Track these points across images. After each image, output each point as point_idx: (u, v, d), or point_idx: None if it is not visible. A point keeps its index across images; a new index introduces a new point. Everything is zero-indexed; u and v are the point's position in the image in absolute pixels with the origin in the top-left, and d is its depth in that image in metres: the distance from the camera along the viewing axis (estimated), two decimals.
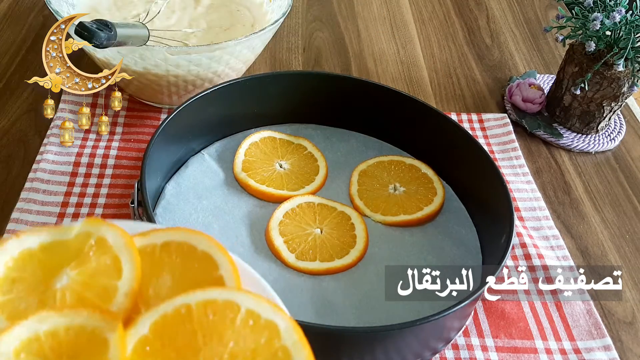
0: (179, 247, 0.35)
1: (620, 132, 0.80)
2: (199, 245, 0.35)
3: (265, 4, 0.79)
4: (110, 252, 0.33)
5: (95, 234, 0.34)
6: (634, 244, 0.67)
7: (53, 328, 0.30)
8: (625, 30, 0.70)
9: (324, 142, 0.69)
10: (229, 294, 0.32)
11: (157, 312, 0.31)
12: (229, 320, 0.31)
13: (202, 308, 0.31)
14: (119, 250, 0.33)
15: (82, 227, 0.34)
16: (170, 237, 0.36)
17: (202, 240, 0.35)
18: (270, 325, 0.31)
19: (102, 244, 0.33)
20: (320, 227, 0.60)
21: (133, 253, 0.33)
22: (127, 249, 0.33)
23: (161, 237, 0.36)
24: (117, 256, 0.33)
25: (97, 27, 0.56)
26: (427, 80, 0.86)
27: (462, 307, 0.47)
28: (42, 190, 0.62)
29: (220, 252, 0.35)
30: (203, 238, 0.35)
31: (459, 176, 0.65)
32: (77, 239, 0.34)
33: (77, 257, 0.33)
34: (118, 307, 0.31)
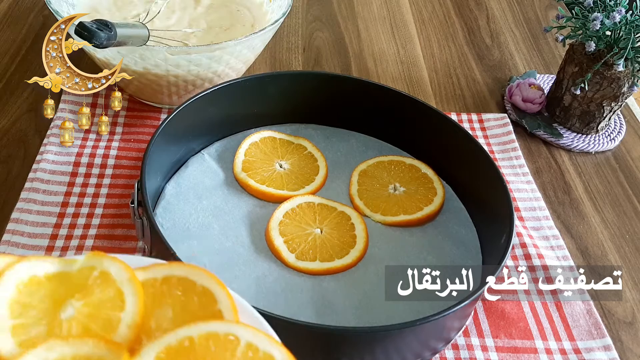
0: (180, 282, 0.37)
1: (620, 132, 0.80)
2: (199, 280, 0.37)
3: (265, 4, 0.79)
4: (113, 285, 0.35)
5: (99, 268, 0.35)
6: (634, 244, 0.67)
7: (61, 356, 0.31)
8: (625, 30, 0.70)
9: (324, 142, 0.69)
10: (230, 327, 0.34)
11: (161, 343, 0.32)
12: (229, 353, 0.32)
13: (204, 340, 0.33)
14: (122, 284, 0.35)
15: (86, 261, 0.36)
16: (171, 271, 0.37)
17: (202, 276, 0.37)
18: (268, 358, 0.33)
19: (106, 277, 0.35)
20: (320, 227, 0.60)
21: (136, 286, 0.35)
22: (130, 282, 0.35)
23: (162, 272, 0.37)
24: (120, 289, 0.35)
25: (97, 27, 0.56)
26: (427, 80, 0.86)
27: (462, 307, 0.47)
28: (42, 190, 0.62)
29: (219, 287, 0.37)
30: (203, 273, 0.37)
31: (459, 176, 0.65)
32: (81, 272, 0.35)
33: (81, 289, 0.34)
34: (121, 338, 0.33)
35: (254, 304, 0.47)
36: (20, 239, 0.58)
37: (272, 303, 0.53)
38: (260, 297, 0.53)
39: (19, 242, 0.57)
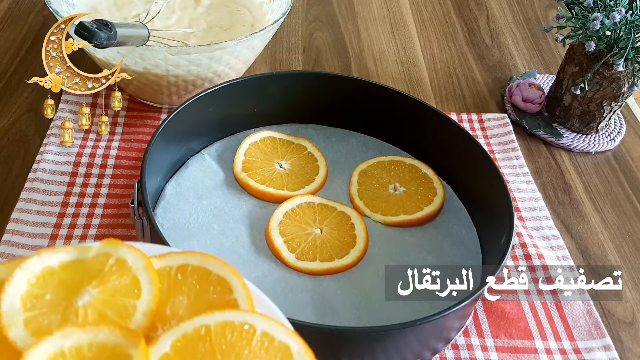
0: (195, 271, 0.37)
1: (620, 132, 0.80)
2: (214, 269, 0.37)
3: (265, 4, 0.79)
4: (129, 273, 0.35)
5: (115, 255, 0.35)
6: (634, 244, 0.67)
7: (77, 344, 0.31)
8: (625, 30, 0.70)
9: (324, 142, 0.69)
10: (246, 316, 0.34)
11: (177, 331, 0.32)
12: (245, 341, 0.33)
13: (221, 329, 0.33)
14: (138, 271, 0.35)
15: (101, 248, 0.36)
16: (187, 260, 0.37)
17: (217, 265, 0.37)
18: (283, 348, 0.33)
19: (122, 264, 0.35)
20: (320, 227, 0.60)
21: (152, 274, 0.35)
22: (146, 270, 0.35)
23: (177, 260, 0.37)
24: (137, 277, 0.35)
25: (97, 27, 0.56)
26: (427, 80, 0.86)
27: (462, 307, 0.47)
28: (42, 190, 0.62)
29: (235, 276, 0.37)
30: (218, 263, 0.37)
31: (459, 176, 0.65)
32: (96, 259, 0.35)
33: (97, 276, 0.34)
34: (136, 326, 0.33)
35: None
36: (20, 239, 0.58)
37: None
38: None
39: (19, 242, 0.57)
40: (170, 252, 0.38)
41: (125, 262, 0.35)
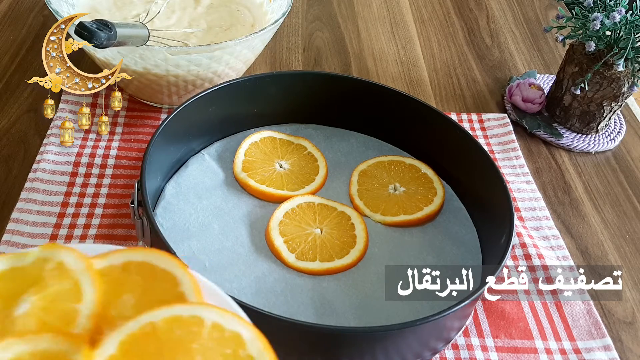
0: (139, 267, 0.36)
1: (620, 132, 0.80)
2: (159, 263, 0.36)
3: (265, 4, 0.79)
4: (69, 276, 0.34)
5: (54, 259, 0.34)
6: (634, 244, 0.67)
7: (18, 355, 0.30)
8: (625, 30, 0.70)
9: (324, 142, 0.69)
10: (193, 309, 0.33)
11: (123, 332, 0.31)
12: (194, 335, 0.32)
13: (168, 324, 0.32)
14: (78, 274, 0.34)
15: (39, 253, 0.34)
16: (130, 257, 0.36)
17: (161, 258, 0.36)
18: (235, 337, 0.32)
19: (62, 268, 0.34)
20: (320, 227, 0.60)
21: (92, 275, 0.34)
22: (86, 272, 0.34)
23: (120, 258, 0.36)
24: (77, 279, 0.33)
25: (97, 27, 0.56)
26: (427, 80, 0.86)
27: (462, 307, 0.47)
28: (42, 190, 0.62)
29: (180, 268, 0.36)
30: (162, 256, 0.36)
31: (459, 176, 0.65)
32: (35, 264, 0.34)
33: (36, 283, 0.33)
34: (81, 330, 0.32)
35: (254, 304, 0.48)
36: (20, 239, 0.58)
37: (272, 303, 0.53)
38: (260, 297, 0.54)
39: (19, 242, 0.57)
40: (111, 250, 0.37)
41: (64, 265, 0.34)
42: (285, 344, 0.49)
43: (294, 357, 0.49)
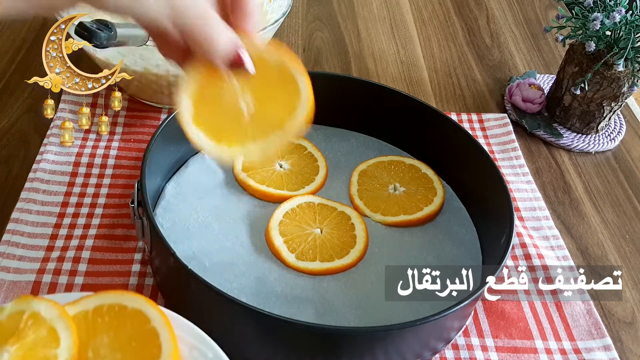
0: (110, 309, 0.38)
1: (620, 132, 0.80)
2: (129, 303, 0.39)
3: (265, 4, 0.79)
4: (45, 324, 0.36)
5: (28, 310, 0.36)
6: (634, 244, 0.67)
7: None
8: (625, 30, 0.70)
9: (324, 142, 0.69)
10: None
11: None
12: None
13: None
14: (53, 321, 0.36)
15: (13, 307, 0.37)
16: (101, 300, 0.39)
17: (131, 299, 0.39)
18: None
19: (37, 317, 0.36)
20: (320, 227, 0.60)
21: (67, 321, 0.36)
22: (61, 318, 0.36)
23: (92, 303, 0.39)
24: (53, 327, 0.36)
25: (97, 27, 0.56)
26: (427, 80, 0.86)
27: (462, 307, 0.47)
28: (42, 190, 0.62)
29: (150, 306, 0.39)
30: (131, 296, 0.39)
31: (459, 176, 0.65)
32: (11, 318, 0.36)
33: (13, 334, 0.35)
34: None
35: (254, 304, 0.48)
36: (20, 239, 0.58)
37: (272, 303, 0.53)
38: (260, 297, 0.54)
39: (19, 242, 0.57)
40: (83, 296, 0.39)
41: (39, 315, 0.36)
42: (285, 344, 0.49)
43: (293, 357, 0.49)
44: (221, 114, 0.43)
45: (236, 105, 0.42)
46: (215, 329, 0.51)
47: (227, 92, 0.42)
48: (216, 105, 0.43)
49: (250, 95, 0.41)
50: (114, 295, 0.39)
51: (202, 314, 0.50)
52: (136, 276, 0.56)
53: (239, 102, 0.42)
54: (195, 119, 0.42)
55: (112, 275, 0.56)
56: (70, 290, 0.54)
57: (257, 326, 0.48)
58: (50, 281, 0.54)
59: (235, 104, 0.42)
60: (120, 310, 0.38)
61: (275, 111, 0.42)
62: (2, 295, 0.53)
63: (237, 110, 0.42)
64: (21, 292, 0.53)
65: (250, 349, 0.50)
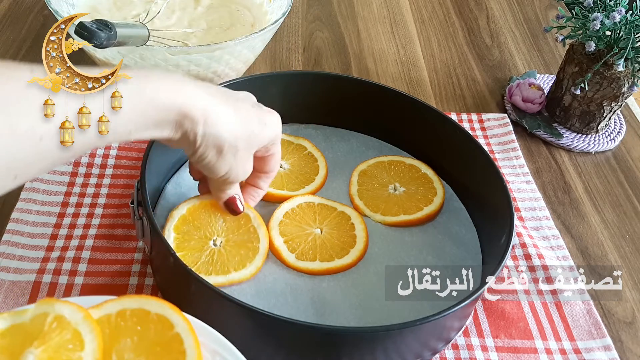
0: (134, 313, 0.38)
1: (620, 132, 0.80)
2: (152, 308, 0.39)
3: (265, 4, 0.79)
4: (69, 327, 0.36)
5: (52, 313, 0.36)
6: (634, 244, 0.67)
7: None
8: (625, 30, 0.70)
9: (324, 142, 0.69)
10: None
11: None
12: None
13: None
14: (78, 324, 0.36)
15: (37, 309, 0.37)
16: (124, 305, 0.39)
17: (155, 304, 0.39)
18: None
19: (61, 320, 0.36)
20: (320, 227, 0.60)
21: (92, 324, 0.36)
22: (86, 321, 0.36)
23: (115, 307, 0.39)
24: (77, 329, 0.36)
25: (97, 27, 0.56)
26: (427, 80, 0.86)
27: (462, 307, 0.47)
28: (42, 190, 0.62)
29: (174, 312, 0.39)
30: (155, 302, 0.39)
31: (459, 176, 0.65)
32: (35, 320, 0.36)
33: (38, 337, 0.35)
34: None
35: (254, 304, 0.48)
36: (20, 239, 0.58)
37: (272, 303, 0.53)
38: (260, 297, 0.53)
39: (19, 242, 0.57)
40: (106, 300, 0.39)
41: (63, 318, 0.36)
42: (285, 344, 0.49)
43: (294, 357, 0.49)
44: (193, 237, 0.54)
45: (205, 241, 0.54)
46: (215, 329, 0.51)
47: (206, 226, 0.55)
48: (195, 227, 0.55)
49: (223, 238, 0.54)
50: (138, 300, 0.39)
51: (202, 314, 0.50)
52: (136, 276, 0.56)
53: (210, 240, 0.55)
54: (177, 225, 0.55)
55: (112, 275, 0.56)
56: (70, 290, 0.54)
57: (257, 326, 0.48)
58: (50, 281, 0.54)
59: (206, 240, 0.55)
60: (144, 315, 0.38)
61: None
62: (2, 295, 0.53)
63: (203, 244, 0.54)
64: (21, 292, 0.53)
65: (250, 349, 0.50)
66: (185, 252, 0.54)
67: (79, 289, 0.54)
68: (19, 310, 0.37)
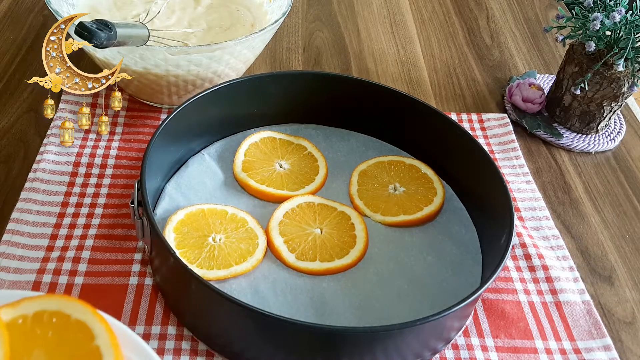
0: (52, 317, 0.34)
1: (620, 132, 0.80)
2: (73, 313, 0.34)
3: (265, 4, 0.79)
4: None
5: None
6: (634, 244, 0.67)
7: None
8: (625, 30, 0.70)
9: (324, 142, 0.69)
10: None
11: None
12: None
13: None
14: None
15: None
16: (43, 306, 0.34)
17: (77, 308, 0.34)
18: None
19: None
20: (320, 227, 0.60)
21: (0, 329, 0.32)
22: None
23: (33, 307, 0.34)
24: None
25: (97, 27, 0.56)
26: (427, 80, 0.86)
27: (462, 307, 0.47)
28: (42, 190, 0.62)
29: (97, 319, 0.34)
30: (78, 304, 0.34)
31: (459, 176, 0.65)
32: None
33: None
34: None
35: (254, 304, 0.48)
36: (20, 239, 0.58)
37: (272, 303, 0.53)
38: (260, 297, 0.54)
39: (19, 242, 0.57)
40: (24, 298, 0.34)
41: None
42: (285, 344, 0.49)
43: (294, 357, 0.49)
44: (193, 236, 0.56)
45: (205, 238, 0.55)
46: (215, 329, 0.51)
47: (205, 227, 0.56)
48: (194, 228, 0.56)
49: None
50: (58, 301, 0.34)
51: (202, 314, 0.50)
52: (136, 276, 0.56)
53: (208, 239, 0.56)
54: (176, 227, 0.55)
55: (112, 275, 0.56)
56: (71, 290, 0.54)
57: (257, 326, 0.48)
58: (50, 281, 0.54)
59: (205, 237, 0.56)
60: (64, 319, 0.34)
61: None
62: None
63: (203, 240, 0.55)
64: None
65: (250, 349, 0.50)
66: (186, 249, 0.54)
67: (79, 289, 0.54)
68: None
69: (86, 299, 0.53)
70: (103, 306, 0.53)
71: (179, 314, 0.53)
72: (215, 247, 0.55)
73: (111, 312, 0.52)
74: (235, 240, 0.56)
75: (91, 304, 0.53)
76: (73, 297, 0.35)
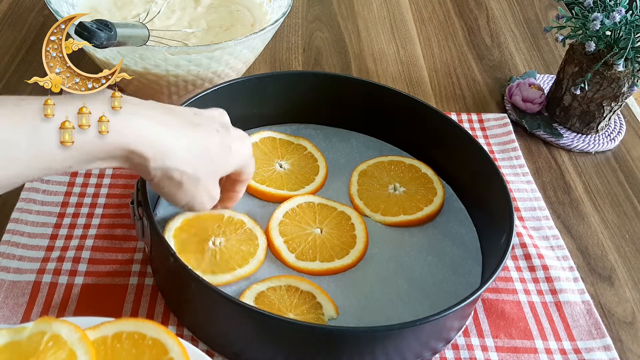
0: (130, 336, 0.39)
1: (620, 132, 0.80)
2: (148, 332, 0.39)
3: (265, 4, 0.79)
4: (65, 347, 0.36)
5: (49, 332, 0.37)
6: (634, 244, 0.67)
7: None
8: (625, 30, 0.70)
9: (324, 142, 0.69)
10: None
11: None
12: None
13: None
14: (73, 345, 0.36)
15: (35, 327, 0.37)
16: (121, 328, 0.40)
17: (151, 328, 0.40)
18: None
19: (57, 340, 0.37)
20: (320, 227, 0.60)
21: (87, 345, 0.37)
22: (81, 342, 0.37)
23: (112, 329, 0.39)
24: (73, 350, 0.36)
25: (97, 27, 0.56)
26: (427, 80, 0.86)
27: (462, 307, 0.47)
28: (42, 190, 0.62)
29: (170, 337, 0.39)
30: (151, 325, 0.40)
31: (459, 176, 0.65)
32: (32, 338, 0.37)
33: (34, 355, 0.35)
34: None
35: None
36: (20, 239, 0.58)
37: None
38: None
39: (19, 242, 0.57)
40: (104, 322, 0.40)
41: (60, 337, 0.36)
42: (285, 344, 0.49)
43: (294, 357, 0.49)
44: (192, 241, 0.55)
45: (204, 243, 0.56)
46: (216, 329, 0.51)
47: (203, 231, 0.56)
48: (192, 234, 0.56)
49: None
50: (135, 323, 0.40)
51: (202, 314, 0.50)
52: (136, 276, 0.56)
53: (208, 243, 0.55)
54: (174, 234, 0.56)
55: (112, 275, 0.56)
56: (70, 290, 0.54)
57: (257, 326, 0.48)
58: (50, 281, 0.54)
59: (205, 242, 0.56)
60: (140, 338, 0.39)
61: None
62: (2, 295, 0.53)
63: (203, 245, 0.55)
64: (21, 292, 0.53)
65: (250, 349, 0.50)
66: (188, 255, 0.54)
67: (79, 289, 0.54)
68: (17, 327, 0.37)
69: (86, 299, 0.54)
70: (103, 306, 0.53)
71: (179, 314, 0.53)
72: (216, 251, 0.55)
73: (111, 312, 0.52)
74: (235, 242, 0.56)
75: (91, 303, 0.53)
76: (147, 319, 0.41)
